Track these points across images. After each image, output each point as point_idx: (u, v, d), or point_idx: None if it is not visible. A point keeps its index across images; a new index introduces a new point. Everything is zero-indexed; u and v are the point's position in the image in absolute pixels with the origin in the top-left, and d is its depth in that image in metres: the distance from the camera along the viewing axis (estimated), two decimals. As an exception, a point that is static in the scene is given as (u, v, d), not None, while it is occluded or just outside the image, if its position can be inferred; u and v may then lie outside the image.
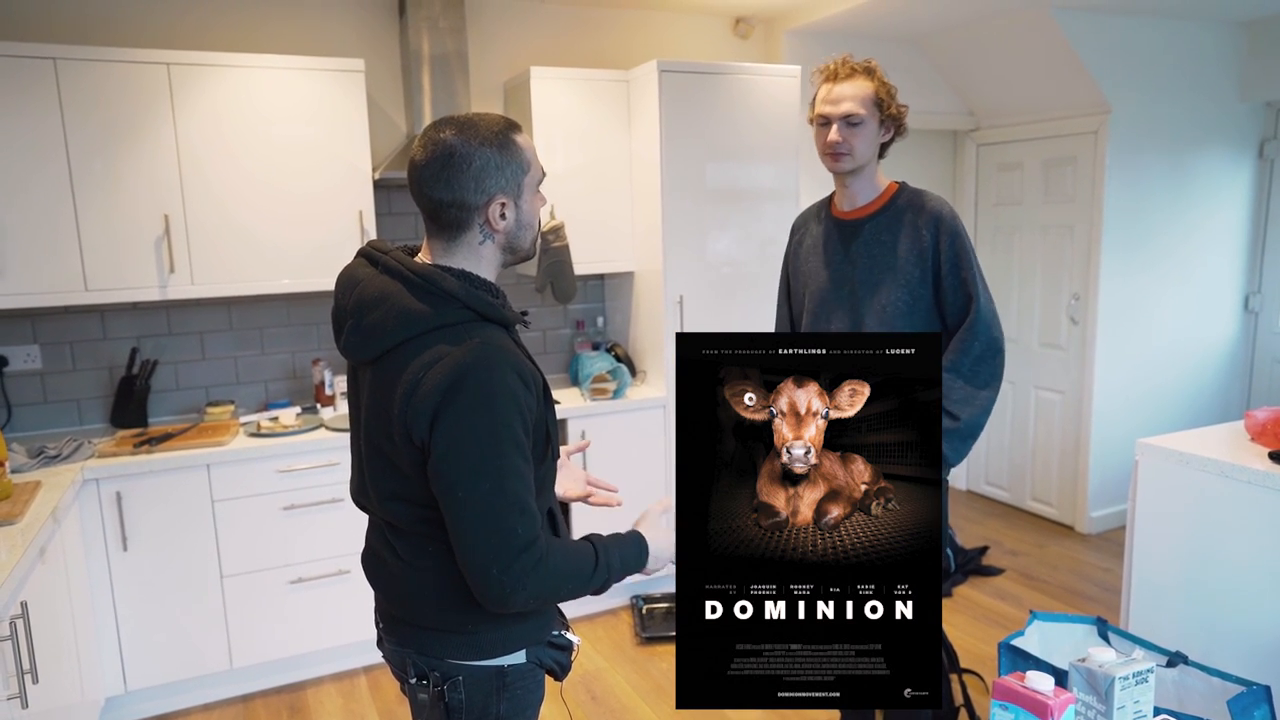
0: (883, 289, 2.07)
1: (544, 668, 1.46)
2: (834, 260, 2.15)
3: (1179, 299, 4.47)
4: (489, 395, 1.24)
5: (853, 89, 2.04)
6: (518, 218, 1.36)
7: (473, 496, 1.24)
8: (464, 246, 1.36)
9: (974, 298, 2.04)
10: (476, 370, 1.24)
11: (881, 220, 2.10)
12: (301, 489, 3.04)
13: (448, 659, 1.38)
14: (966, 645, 3.28)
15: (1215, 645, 2.41)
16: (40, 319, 3.21)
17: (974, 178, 4.85)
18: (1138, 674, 1.29)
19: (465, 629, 1.37)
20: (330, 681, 3.19)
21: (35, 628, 2.04)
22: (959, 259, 2.05)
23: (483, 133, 1.31)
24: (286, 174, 3.17)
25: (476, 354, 1.25)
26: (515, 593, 1.25)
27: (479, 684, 1.39)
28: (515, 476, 1.26)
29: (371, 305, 1.32)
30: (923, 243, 2.05)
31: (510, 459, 1.25)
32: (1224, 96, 4.37)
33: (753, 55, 4.30)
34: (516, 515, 1.25)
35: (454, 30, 3.42)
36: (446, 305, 1.29)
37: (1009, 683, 1.23)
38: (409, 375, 1.27)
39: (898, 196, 2.12)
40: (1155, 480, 2.56)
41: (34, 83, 2.81)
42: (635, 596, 3.66)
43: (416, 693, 1.41)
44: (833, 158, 2.08)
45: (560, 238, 3.50)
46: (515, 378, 1.27)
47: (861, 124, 2.04)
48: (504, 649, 1.39)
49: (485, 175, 1.30)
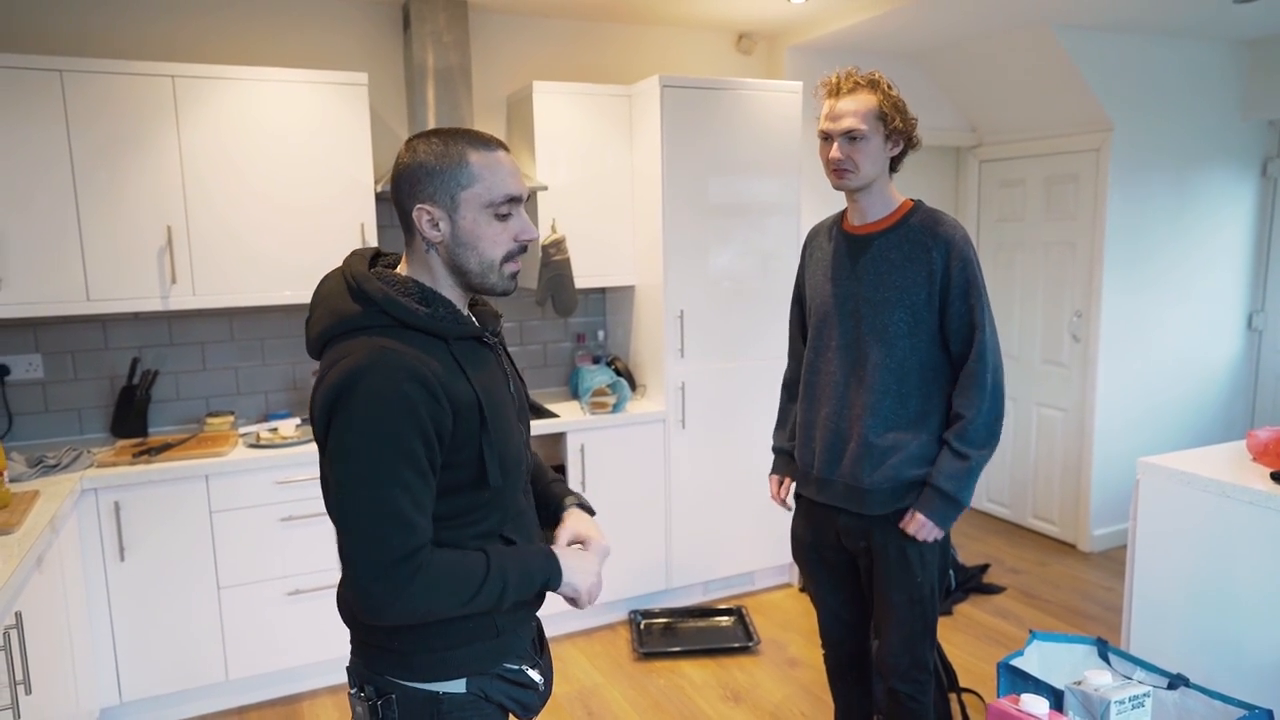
0: (886, 308, 2.02)
1: (493, 703, 1.38)
2: (840, 275, 2.11)
3: (1182, 317, 4.46)
4: (379, 402, 1.22)
5: (855, 103, 1.97)
6: (453, 232, 1.32)
7: (350, 502, 1.22)
8: (415, 254, 1.37)
9: (979, 328, 2.00)
10: (371, 374, 1.22)
11: (892, 238, 2.04)
12: (300, 500, 3.04)
13: (384, 674, 1.35)
14: (966, 664, 3.26)
15: (1217, 667, 2.39)
16: (42, 328, 3.21)
17: (976, 194, 4.86)
18: (1134, 698, 1.29)
19: (393, 646, 1.33)
20: (326, 694, 3.17)
21: (30, 638, 2.04)
22: (968, 287, 1.99)
23: (434, 143, 1.32)
24: (289, 186, 3.18)
25: (375, 358, 1.23)
26: (389, 605, 1.22)
27: (412, 706, 1.33)
28: (396, 486, 1.22)
29: (318, 303, 1.37)
30: (932, 265, 1.99)
31: (393, 467, 1.22)
32: (1227, 115, 4.38)
33: (755, 71, 4.31)
34: (392, 525, 1.21)
35: (457, 44, 3.44)
36: (368, 308, 1.30)
37: (1004, 706, 1.22)
38: (320, 370, 1.30)
39: (911, 215, 2.05)
40: (1157, 499, 2.54)
41: (40, 94, 2.82)
42: (634, 612, 3.64)
43: (354, 704, 1.38)
44: (836, 174, 2.03)
45: (561, 251, 3.50)
46: (417, 386, 1.23)
47: (864, 139, 1.97)
48: (438, 674, 1.34)
49: (415, 181, 1.32)
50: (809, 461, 2.21)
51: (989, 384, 2.00)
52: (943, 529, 2.03)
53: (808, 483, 2.23)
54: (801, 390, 2.23)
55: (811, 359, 2.19)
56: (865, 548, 2.13)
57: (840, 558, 2.23)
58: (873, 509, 2.08)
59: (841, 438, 2.11)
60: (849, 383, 2.09)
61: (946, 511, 2.02)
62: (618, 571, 3.62)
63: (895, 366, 2.03)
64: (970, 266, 2.00)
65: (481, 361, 1.37)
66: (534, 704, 1.44)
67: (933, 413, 2.06)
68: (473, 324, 1.38)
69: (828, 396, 2.13)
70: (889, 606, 2.11)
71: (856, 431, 2.08)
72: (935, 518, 2.02)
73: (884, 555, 2.09)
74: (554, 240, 3.48)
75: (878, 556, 2.10)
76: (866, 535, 2.11)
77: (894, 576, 2.08)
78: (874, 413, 2.05)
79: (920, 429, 2.05)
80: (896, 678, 2.15)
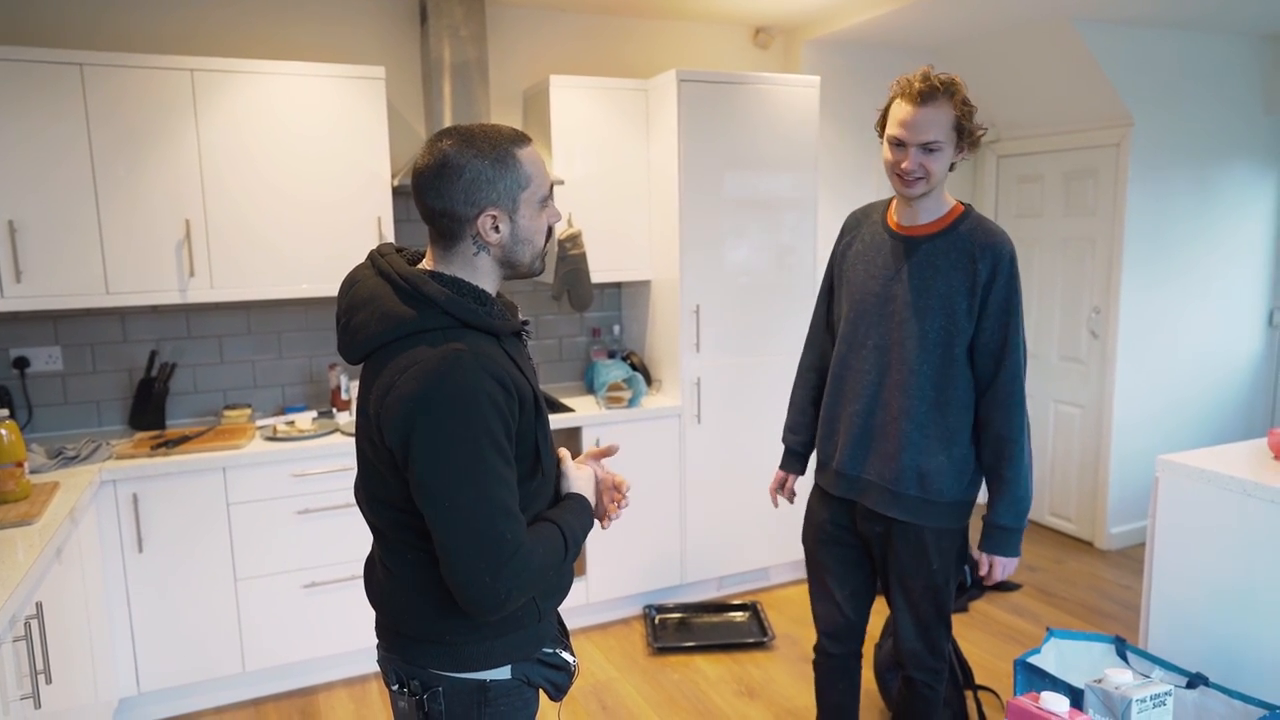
0: (928, 315, 1.99)
1: (533, 685, 1.44)
2: (883, 274, 2.07)
3: (1202, 314, 4.42)
4: (465, 401, 1.23)
5: (935, 114, 1.90)
6: (513, 232, 1.35)
7: (457, 505, 1.23)
8: (459, 256, 1.36)
9: (1013, 349, 1.98)
10: (451, 376, 1.23)
11: (940, 244, 1.99)
12: (316, 493, 3.05)
13: (429, 668, 1.37)
14: (982, 661, 3.24)
15: (1237, 667, 2.37)
16: (62, 321, 3.24)
17: (994, 189, 4.82)
18: (1155, 697, 1.27)
19: (445, 639, 1.36)
20: (341, 686, 3.19)
21: (50, 628, 2.06)
22: (1008, 303, 1.96)
23: (480, 145, 1.31)
24: (306, 180, 3.19)
25: (451, 360, 1.24)
26: (509, 597, 1.24)
27: (459, 696, 1.37)
28: (498, 482, 1.25)
29: (359, 306, 1.34)
30: (976, 276, 1.95)
31: (491, 463, 1.24)
32: (1248, 110, 4.33)
33: (772, 65, 4.30)
34: (503, 520, 1.24)
35: (475, 38, 3.43)
36: (428, 310, 1.29)
37: (1023, 703, 1.21)
38: (385, 378, 1.28)
39: (961, 221, 2.00)
40: (1176, 497, 2.52)
41: (60, 88, 2.84)
42: (648, 606, 3.64)
43: (397, 700, 1.41)
44: (906, 183, 1.96)
45: (577, 245, 3.50)
46: (493, 383, 1.26)
47: (940, 150, 1.92)
48: (486, 663, 1.37)
49: (476, 188, 1.30)
50: (829, 453, 2.20)
51: (1023, 404, 2.00)
52: (1016, 557, 2.06)
53: (826, 474, 2.22)
54: (829, 383, 2.21)
55: (844, 353, 2.16)
56: (881, 533, 2.12)
57: (853, 543, 2.21)
58: (897, 513, 2.07)
59: (869, 435, 2.10)
60: (883, 383, 2.07)
61: (1013, 541, 2.05)
62: (632, 566, 3.62)
63: (933, 374, 2.01)
64: (1014, 282, 1.97)
65: (522, 354, 1.41)
66: (565, 684, 1.49)
67: (966, 426, 2.05)
68: (516, 319, 1.40)
69: (857, 394, 2.11)
70: (905, 593, 2.11)
71: (892, 434, 2.06)
72: (1008, 552, 2.05)
73: (903, 541, 2.08)
74: (570, 235, 3.48)
75: (895, 542, 2.09)
76: (886, 521, 2.10)
77: (911, 563, 2.08)
78: (910, 417, 2.03)
79: (955, 441, 2.04)
80: (914, 666, 2.15)
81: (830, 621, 2.29)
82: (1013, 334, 1.97)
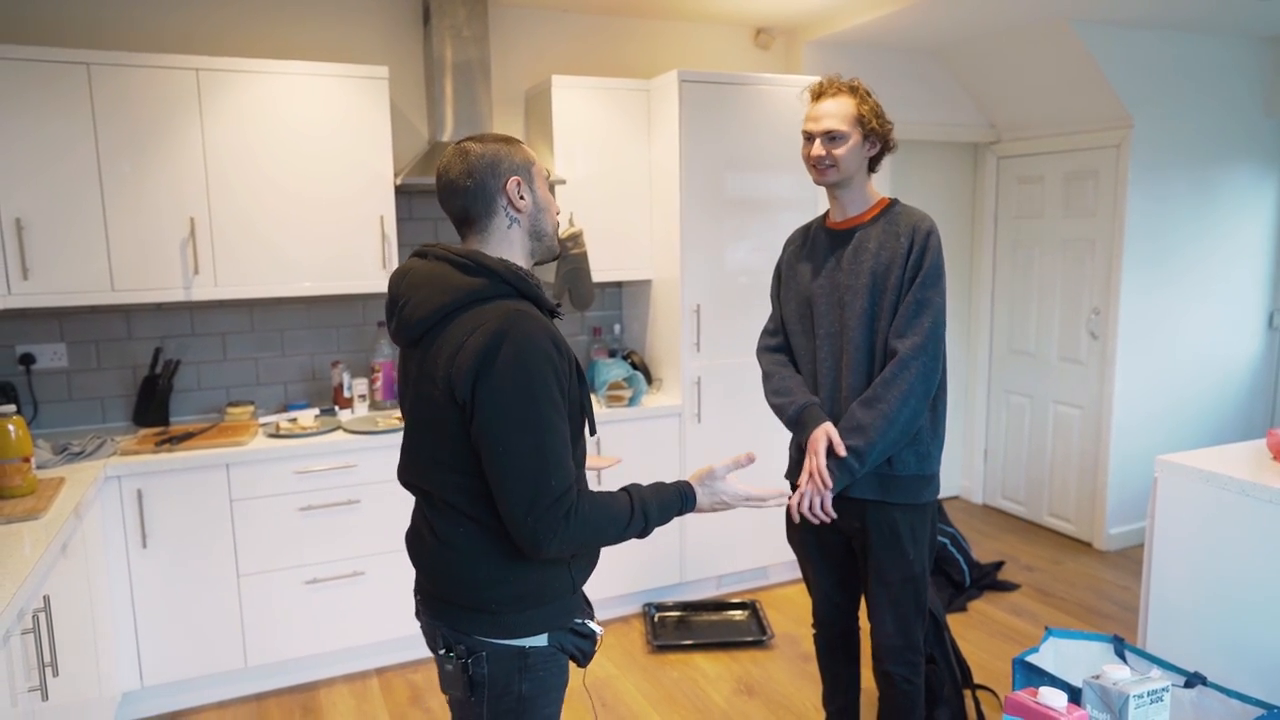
0: (865, 293, 2.11)
1: (566, 653, 1.55)
2: (824, 266, 2.21)
3: (1201, 315, 4.43)
4: (527, 356, 1.35)
5: (835, 106, 2.11)
6: (534, 200, 1.53)
7: (513, 451, 1.35)
8: (496, 234, 1.51)
9: (928, 306, 2.03)
10: (514, 333, 1.36)
11: (870, 229, 2.15)
12: (318, 490, 3.07)
13: (474, 635, 1.48)
14: (980, 661, 3.26)
15: (1235, 666, 2.38)
16: (67, 318, 3.25)
17: (994, 191, 4.84)
18: (1152, 693, 1.29)
19: (489, 609, 1.47)
20: (343, 682, 3.20)
21: (56, 622, 2.07)
22: (928, 265, 2.05)
23: (488, 137, 1.53)
24: (310, 178, 3.20)
25: (514, 319, 1.38)
26: (548, 540, 1.36)
27: (502, 661, 1.48)
28: (552, 432, 1.37)
29: (420, 285, 1.47)
30: (900, 246, 2.09)
31: (548, 415, 1.37)
32: (1248, 112, 4.34)
33: (773, 66, 4.31)
34: (552, 469, 1.36)
35: (477, 39, 3.45)
36: (489, 278, 1.44)
37: (1021, 698, 1.23)
38: (454, 338, 1.40)
39: (888, 210, 2.17)
40: (1175, 498, 2.53)
41: (67, 87, 2.86)
42: (648, 604, 3.65)
43: (444, 663, 1.52)
44: (817, 170, 2.16)
45: (579, 245, 3.51)
46: (551, 344, 1.39)
47: (842, 139, 2.10)
48: (526, 631, 1.48)
49: (498, 160, 1.49)
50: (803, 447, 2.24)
51: (932, 365, 2.03)
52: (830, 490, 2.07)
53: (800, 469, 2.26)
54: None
55: (809, 349, 2.24)
56: (859, 528, 2.19)
57: (835, 539, 2.29)
58: (865, 492, 2.14)
59: (834, 421, 2.15)
60: (838, 368, 2.17)
61: (841, 467, 2.06)
62: (631, 564, 3.63)
63: (869, 348, 2.11)
64: (931, 253, 2.07)
65: None
66: (591, 652, 1.61)
67: None
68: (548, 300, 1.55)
69: (822, 384, 2.20)
70: (884, 587, 2.17)
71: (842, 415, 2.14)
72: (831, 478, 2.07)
73: (878, 533, 2.15)
74: (572, 234, 3.49)
75: (871, 534, 2.16)
76: (860, 514, 2.16)
77: (887, 555, 2.15)
78: (856, 396, 2.12)
79: None
80: (891, 661, 2.21)
81: (822, 606, 2.42)
82: (929, 290, 2.05)
